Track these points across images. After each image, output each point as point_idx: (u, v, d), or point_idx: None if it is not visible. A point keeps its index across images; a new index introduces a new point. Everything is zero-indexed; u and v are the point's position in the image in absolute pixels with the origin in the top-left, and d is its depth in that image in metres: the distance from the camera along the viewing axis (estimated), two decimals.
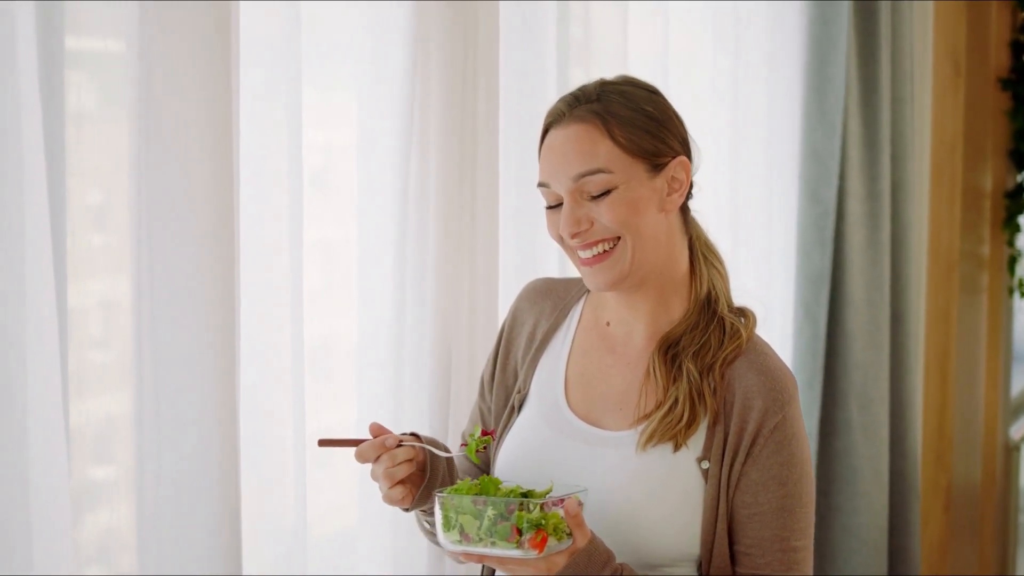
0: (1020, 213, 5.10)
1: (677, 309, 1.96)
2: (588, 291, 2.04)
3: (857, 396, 3.60)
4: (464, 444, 1.89)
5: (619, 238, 1.87)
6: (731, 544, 1.90)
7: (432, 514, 1.89)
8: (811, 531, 1.92)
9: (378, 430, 1.84)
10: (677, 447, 1.87)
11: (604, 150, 1.86)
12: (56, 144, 1.56)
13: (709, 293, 1.96)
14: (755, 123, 3.41)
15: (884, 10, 3.62)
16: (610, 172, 1.85)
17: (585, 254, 1.88)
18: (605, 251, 1.87)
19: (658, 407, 1.90)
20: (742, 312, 1.98)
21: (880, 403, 3.66)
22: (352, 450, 1.83)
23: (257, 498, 1.93)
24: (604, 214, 1.85)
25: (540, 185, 1.91)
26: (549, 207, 1.92)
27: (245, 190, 1.80)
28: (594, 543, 1.77)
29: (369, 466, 1.85)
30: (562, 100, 1.92)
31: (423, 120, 2.15)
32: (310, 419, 2.02)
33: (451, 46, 2.17)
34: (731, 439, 1.89)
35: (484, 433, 1.88)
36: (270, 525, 1.97)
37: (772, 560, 1.88)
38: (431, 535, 1.99)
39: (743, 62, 3.34)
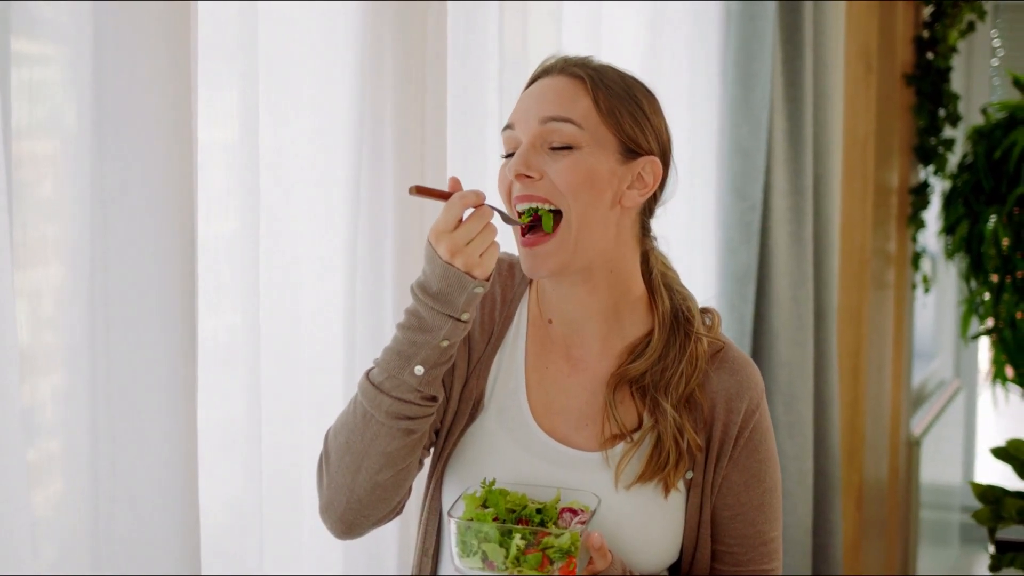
0: (924, 209, 5.12)
1: (631, 328, 1.84)
2: (531, 280, 1.89)
3: (783, 395, 3.56)
4: (535, 217, 1.73)
5: (559, 213, 1.73)
6: (711, 543, 1.86)
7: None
8: (781, 517, 1.90)
9: (458, 184, 1.68)
10: (668, 490, 1.79)
11: (583, 106, 1.75)
12: (7, 134, 1.48)
13: (678, 315, 1.84)
14: (677, 118, 3.33)
15: (808, 4, 3.58)
16: (580, 128, 1.74)
17: (521, 207, 1.74)
18: (545, 234, 1.72)
19: (625, 434, 1.79)
20: (706, 312, 1.89)
21: (804, 401, 3.62)
22: None
23: (213, 479, 1.86)
24: (559, 173, 1.72)
25: (505, 129, 1.79)
26: (506, 156, 1.79)
27: (203, 181, 1.74)
28: (613, 561, 1.71)
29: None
30: (559, 57, 1.83)
31: (376, 116, 2.11)
32: (265, 400, 1.96)
33: (403, 45, 2.14)
34: (714, 445, 1.82)
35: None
36: (227, 497, 1.91)
37: (755, 555, 1.86)
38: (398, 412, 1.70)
39: (666, 57, 3.26)
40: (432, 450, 1.86)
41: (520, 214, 1.74)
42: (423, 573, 1.87)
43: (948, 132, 5.28)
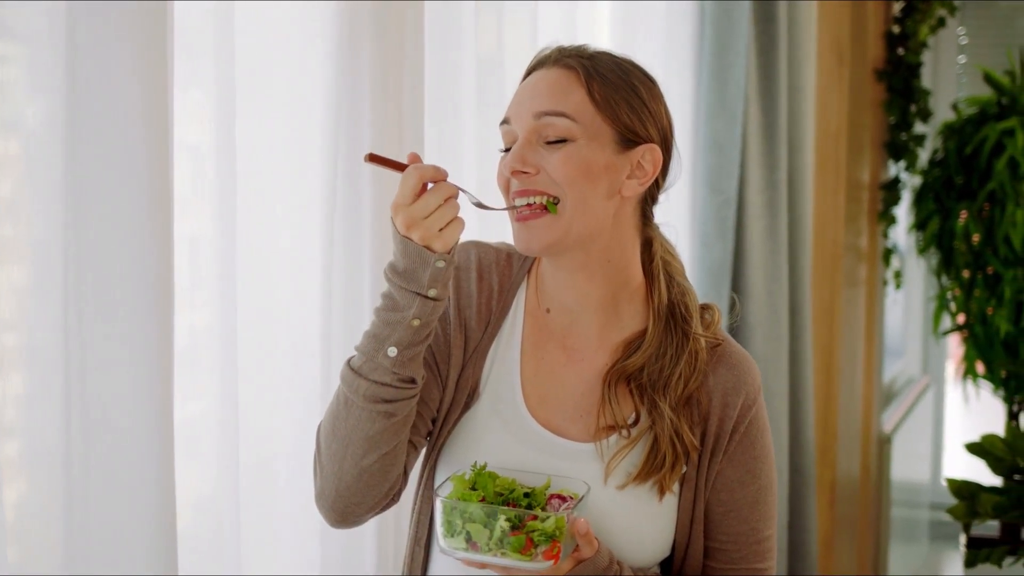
0: (895, 205, 5.11)
1: (629, 320, 1.80)
2: (529, 270, 1.87)
3: None
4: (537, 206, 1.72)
5: (558, 201, 1.70)
6: (704, 539, 1.83)
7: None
8: (776, 516, 1.87)
9: (417, 158, 1.66)
10: (663, 492, 1.76)
11: (577, 99, 1.72)
12: None
13: (675, 311, 1.80)
14: None
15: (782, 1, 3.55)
16: (574, 121, 1.71)
17: (519, 202, 1.72)
18: (540, 210, 1.70)
19: (619, 426, 1.76)
20: (706, 308, 1.84)
21: (780, 397, 3.59)
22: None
23: (189, 477, 1.82)
24: (555, 166, 1.69)
25: (502, 124, 1.76)
26: (504, 150, 1.76)
27: (178, 180, 1.69)
28: (600, 549, 1.67)
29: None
30: (554, 47, 1.79)
31: (352, 115, 2.07)
32: (241, 398, 1.92)
33: (380, 45, 2.10)
34: (709, 440, 1.79)
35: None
36: (203, 495, 1.88)
37: (748, 553, 1.83)
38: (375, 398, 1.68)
39: (640, 51, 3.22)
40: (428, 438, 1.84)
41: (519, 207, 1.72)
42: (415, 561, 1.84)
43: (919, 128, 5.27)
